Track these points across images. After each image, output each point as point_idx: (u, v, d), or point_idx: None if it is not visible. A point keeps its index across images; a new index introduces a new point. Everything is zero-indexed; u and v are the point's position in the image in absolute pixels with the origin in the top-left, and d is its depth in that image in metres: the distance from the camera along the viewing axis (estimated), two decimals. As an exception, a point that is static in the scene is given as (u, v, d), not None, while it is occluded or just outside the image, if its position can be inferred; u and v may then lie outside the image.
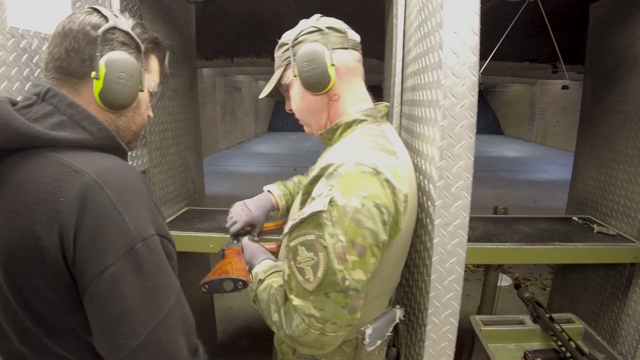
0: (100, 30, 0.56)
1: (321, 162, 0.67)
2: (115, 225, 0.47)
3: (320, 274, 0.58)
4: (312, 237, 0.59)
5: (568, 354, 1.10)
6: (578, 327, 1.25)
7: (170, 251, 0.53)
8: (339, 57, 0.70)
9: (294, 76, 0.72)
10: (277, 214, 1.02)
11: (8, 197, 0.50)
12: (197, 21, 1.90)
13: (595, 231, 1.45)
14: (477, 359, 1.20)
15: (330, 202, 0.58)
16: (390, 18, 1.39)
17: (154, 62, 0.64)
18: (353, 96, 0.73)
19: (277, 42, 0.78)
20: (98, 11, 0.58)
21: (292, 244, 0.62)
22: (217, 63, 4.82)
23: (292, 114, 0.79)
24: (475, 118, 0.61)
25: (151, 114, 0.69)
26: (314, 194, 0.62)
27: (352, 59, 0.73)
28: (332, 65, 0.69)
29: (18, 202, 0.49)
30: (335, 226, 0.57)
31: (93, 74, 0.56)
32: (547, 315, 1.24)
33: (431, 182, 0.66)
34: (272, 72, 0.80)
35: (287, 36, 0.76)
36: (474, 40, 0.60)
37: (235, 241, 0.91)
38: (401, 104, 1.06)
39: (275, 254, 0.91)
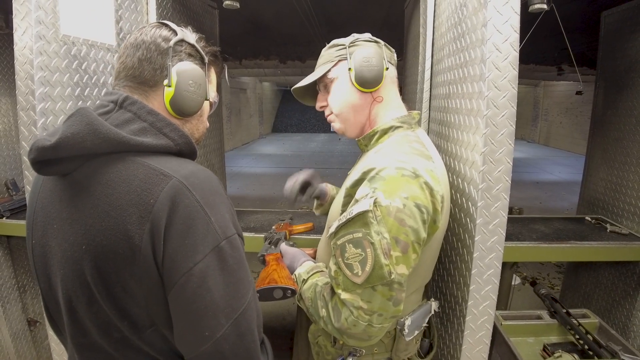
0: (171, 42, 0.59)
1: (361, 167, 0.72)
2: (203, 225, 0.50)
3: (368, 268, 0.63)
4: (360, 234, 0.64)
5: (586, 347, 1.16)
6: (593, 322, 1.31)
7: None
8: (389, 67, 0.77)
9: (348, 70, 0.76)
10: (325, 201, 1.04)
11: (98, 198, 0.52)
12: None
13: (608, 230, 1.51)
14: (499, 351, 1.26)
15: (375, 202, 0.63)
16: (413, 26, 1.46)
17: (213, 74, 0.68)
18: (393, 103, 0.79)
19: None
20: (167, 25, 0.62)
21: (339, 242, 0.66)
22: (227, 65, 4.90)
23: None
24: (514, 127, 0.68)
25: (207, 124, 0.72)
26: (357, 196, 0.67)
27: (395, 74, 0.80)
28: (387, 69, 0.75)
29: (109, 203, 0.51)
30: (380, 224, 0.62)
31: (165, 81, 0.59)
32: (564, 311, 1.30)
33: (472, 185, 0.72)
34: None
35: (342, 40, 0.80)
36: (514, 56, 0.66)
37: (273, 246, 0.95)
38: (429, 109, 1.13)
39: (312, 256, 0.95)
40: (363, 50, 0.76)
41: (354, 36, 0.80)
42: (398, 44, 1.88)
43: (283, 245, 0.94)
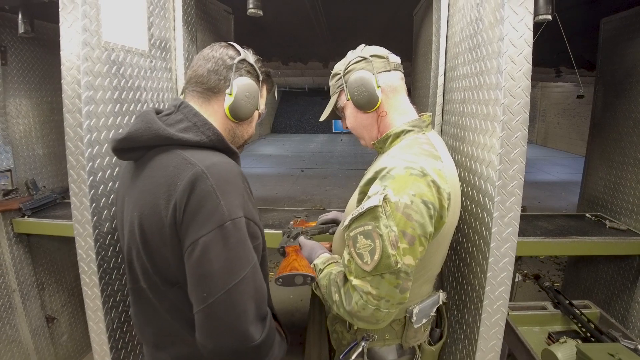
0: (235, 60, 0.73)
1: (375, 167, 0.79)
2: (213, 205, 0.60)
3: (377, 257, 0.69)
4: (370, 227, 0.70)
5: (588, 334, 1.24)
6: (594, 312, 1.39)
7: (255, 232, 0.67)
8: (383, 79, 0.83)
9: (347, 100, 0.85)
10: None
11: (146, 179, 0.67)
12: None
13: (607, 226, 1.59)
14: (507, 340, 1.33)
15: (384, 198, 0.69)
16: (423, 33, 1.54)
17: (264, 90, 0.81)
18: (398, 111, 0.85)
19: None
20: (233, 46, 0.76)
21: (352, 233, 0.73)
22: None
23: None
24: (527, 130, 0.75)
25: (254, 130, 0.84)
26: (369, 193, 0.74)
27: (395, 79, 0.85)
28: (379, 87, 0.82)
29: (151, 183, 0.66)
30: (389, 219, 0.69)
31: (228, 90, 0.72)
32: (567, 302, 1.38)
33: (489, 182, 0.80)
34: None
35: (338, 67, 0.89)
36: (527, 67, 0.74)
37: (292, 239, 1.01)
38: (442, 112, 1.21)
39: (328, 249, 1.02)
40: (354, 78, 0.83)
41: (348, 57, 0.87)
42: (401, 46, 1.95)
43: (302, 239, 1.01)
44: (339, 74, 0.87)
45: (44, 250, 1.97)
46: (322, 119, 0.95)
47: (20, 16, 1.58)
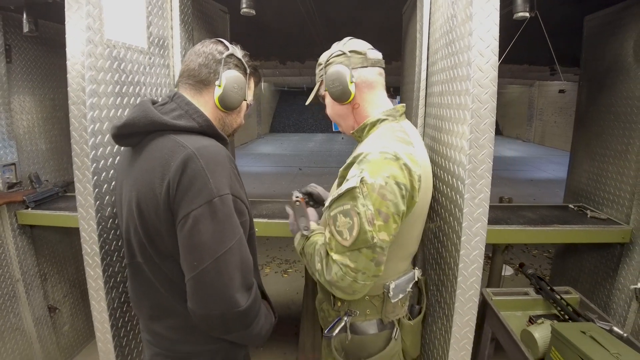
0: (224, 55, 0.80)
1: (354, 154, 0.86)
2: (202, 183, 0.67)
3: (355, 233, 0.76)
4: (348, 206, 0.77)
5: (566, 317, 1.30)
6: (574, 297, 1.45)
7: (241, 208, 0.73)
8: (359, 74, 0.89)
9: (325, 90, 0.93)
10: None
11: (143, 161, 0.73)
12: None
13: (588, 216, 1.66)
14: (489, 323, 1.40)
15: (361, 180, 0.76)
16: (410, 30, 1.60)
17: (252, 83, 0.88)
18: (372, 104, 0.92)
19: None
20: (222, 42, 0.82)
21: (332, 213, 0.80)
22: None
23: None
24: (495, 117, 0.82)
25: (243, 121, 0.91)
26: (348, 176, 0.81)
27: (371, 74, 0.91)
28: (352, 82, 0.88)
29: (147, 164, 0.72)
30: (366, 198, 0.76)
31: (217, 82, 0.79)
32: (548, 287, 1.44)
33: (460, 167, 0.86)
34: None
35: (323, 57, 0.96)
36: (494, 60, 0.80)
37: (300, 194, 1.08)
38: (425, 105, 1.27)
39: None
40: (331, 72, 0.89)
41: (332, 49, 0.93)
42: (396, 45, 2.02)
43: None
44: (321, 64, 0.95)
45: (47, 242, 2.04)
46: (307, 102, 1.03)
47: (24, 15, 1.65)
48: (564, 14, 2.12)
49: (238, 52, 0.83)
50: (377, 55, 0.92)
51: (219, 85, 0.78)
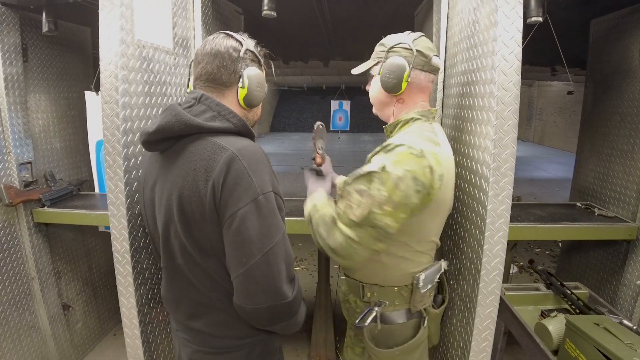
0: (240, 52, 0.79)
1: (384, 144, 0.89)
2: (246, 183, 0.69)
3: (364, 212, 0.81)
4: (364, 187, 0.82)
5: (577, 311, 1.35)
6: (584, 292, 1.50)
7: (280, 204, 0.76)
8: (416, 75, 0.91)
9: (378, 74, 0.94)
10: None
11: (183, 164, 0.74)
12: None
13: (596, 214, 1.71)
14: (502, 317, 1.44)
15: (383, 167, 0.81)
16: (425, 33, 1.64)
17: (264, 72, 0.87)
18: (415, 105, 0.95)
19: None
20: (232, 36, 0.81)
21: (349, 188, 0.85)
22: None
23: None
24: (517, 119, 0.86)
25: (260, 112, 0.92)
26: (372, 161, 0.85)
27: (426, 80, 0.93)
28: (407, 81, 0.90)
29: (188, 167, 0.73)
30: (381, 184, 0.80)
31: (240, 84, 0.80)
32: (558, 282, 1.48)
33: (484, 165, 0.90)
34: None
35: (389, 40, 0.93)
36: (517, 65, 0.84)
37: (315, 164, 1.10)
38: (442, 106, 1.31)
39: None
40: (392, 61, 0.90)
41: (402, 37, 0.93)
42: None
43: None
44: (384, 49, 0.93)
45: (61, 240, 2.06)
46: (355, 72, 1.00)
47: (44, 15, 1.67)
48: (569, 17, 2.17)
49: (250, 44, 0.82)
50: (438, 63, 0.92)
51: (243, 87, 0.79)
